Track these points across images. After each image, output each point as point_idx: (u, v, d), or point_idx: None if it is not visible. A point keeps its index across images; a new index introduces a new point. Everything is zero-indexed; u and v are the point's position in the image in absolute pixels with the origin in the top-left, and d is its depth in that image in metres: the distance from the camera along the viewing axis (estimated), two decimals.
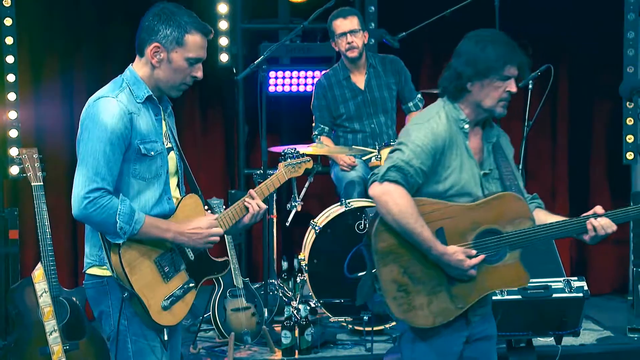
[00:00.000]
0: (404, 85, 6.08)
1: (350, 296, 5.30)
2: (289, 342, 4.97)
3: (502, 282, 3.54)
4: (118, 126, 3.22)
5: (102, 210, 3.17)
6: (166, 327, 3.32)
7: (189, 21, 3.32)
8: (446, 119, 3.48)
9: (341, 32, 5.87)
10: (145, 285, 3.26)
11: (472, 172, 3.49)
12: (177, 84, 3.36)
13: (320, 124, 6.03)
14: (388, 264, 3.45)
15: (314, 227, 5.46)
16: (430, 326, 3.46)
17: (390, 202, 3.38)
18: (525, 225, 3.47)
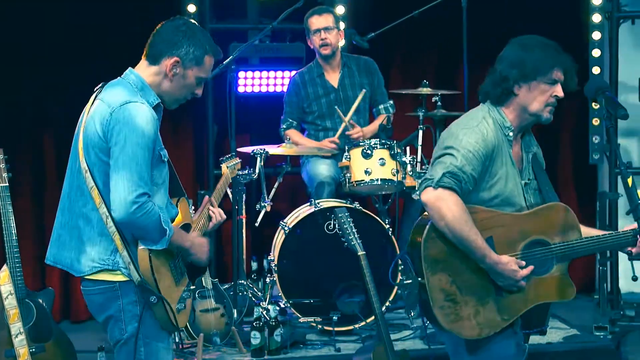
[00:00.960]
0: (376, 88, 6.10)
1: (318, 297, 5.29)
2: (258, 342, 4.94)
3: (548, 294, 3.48)
4: (151, 132, 3.23)
5: (149, 216, 3.17)
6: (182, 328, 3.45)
7: (209, 43, 3.39)
8: (493, 124, 3.44)
9: (315, 29, 5.92)
10: (167, 290, 3.29)
11: (515, 182, 3.46)
12: (180, 98, 3.41)
13: (289, 117, 6.07)
14: (437, 272, 3.40)
15: (283, 227, 5.43)
16: (476, 337, 3.42)
17: (444, 208, 3.32)
18: (573, 237, 3.45)
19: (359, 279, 4.72)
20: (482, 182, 3.41)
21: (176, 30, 3.34)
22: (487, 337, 3.43)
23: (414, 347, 5.03)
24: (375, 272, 4.66)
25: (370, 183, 5.53)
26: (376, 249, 5.21)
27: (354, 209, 5.30)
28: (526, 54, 3.44)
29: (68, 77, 6.23)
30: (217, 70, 5.61)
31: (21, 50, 6.45)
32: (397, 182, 5.54)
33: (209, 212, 3.57)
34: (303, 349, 5.10)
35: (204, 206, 3.57)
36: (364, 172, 5.52)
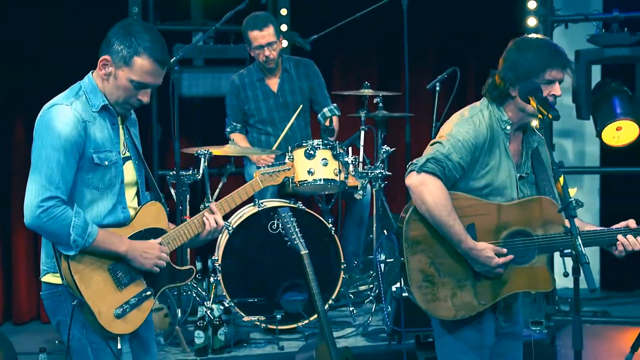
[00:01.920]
0: (316, 89, 6.07)
1: (262, 296, 5.29)
2: (202, 342, 4.92)
3: (527, 283, 3.52)
4: (72, 134, 3.15)
5: (56, 221, 3.10)
6: (119, 335, 3.24)
7: (146, 45, 3.23)
8: (489, 117, 3.50)
9: (258, 45, 5.85)
10: (96, 293, 3.19)
11: (509, 174, 3.51)
12: (120, 101, 3.28)
13: (232, 121, 6.03)
14: (417, 253, 3.47)
15: (227, 227, 5.40)
16: (451, 319, 3.49)
17: (425, 192, 3.40)
18: (556, 231, 3.48)
19: (302, 278, 4.73)
20: (473, 172, 3.48)
21: (115, 30, 3.27)
22: (466, 319, 3.48)
23: (356, 344, 5.06)
24: (318, 271, 4.68)
25: (313, 183, 5.54)
26: (319, 248, 5.23)
27: (297, 209, 5.31)
28: (520, 57, 3.48)
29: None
30: None
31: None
32: (339, 182, 5.55)
33: (203, 219, 3.47)
34: (247, 348, 5.09)
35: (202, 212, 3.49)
36: (307, 172, 5.53)
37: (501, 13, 6.67)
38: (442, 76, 6.12)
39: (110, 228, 3.25)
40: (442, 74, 6.13)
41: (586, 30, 6.24)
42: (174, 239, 3.39)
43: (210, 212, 3.48)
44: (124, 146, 3.36)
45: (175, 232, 3.41)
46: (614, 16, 6.07)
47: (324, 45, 6.46)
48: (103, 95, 3.27)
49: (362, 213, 5.94)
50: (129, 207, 3.34)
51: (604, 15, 6.24)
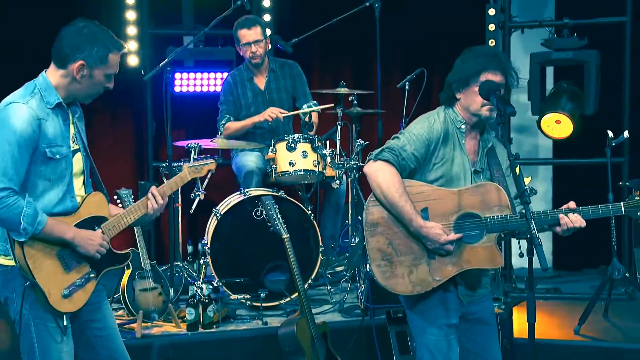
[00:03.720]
0: (298, 88, 6.08)
1: (248, 276, 5.29)
2: (193, 318, 4.91)
3: (477, 261, 3.54)
4: (27, 131, 3.16)
5: (8, 210, 3.13)
6: (66, 313, 3.29)
7: (112, 43, 3.33)
8: (444, 118, 3.57)
9: (245, 42, 5.87)
10: (47, 276, 3.23)
11: (463, 167, 3.55)
12: (92, 94, 3.37)
13: (226, 114, 5.99)
14: (376, 234, 3.51)
15: (216, 214, 5.40)
16: (409, 294, 3.52)
17: (380, 177, 3.45)
18: (502, 213, 3.50)
19: (284, 260, 4.74)
20: (429, 164, 3.53)
21: (78, 34, 3.29)
22: (426, 293, 3.51)
23: (333, 320, 5.06)
24: (299, 254, 4.69)
25: (294, 173, 5.54)
26: (299, 232, 5.23)
27: (279, 197, 5.31)
28: (462, 64, 3.55)
29: None
30: (154, 71, 5.56)
31: None
32: (318, 173, 5.55)
33: (147, 202, 3.53)
34: (233, 323, 5.09)
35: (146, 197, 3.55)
36: (288, 163, 5.53)
37: (464, 19, 6.68)
38: (410, 76, 6.13)
39: (59, 217, 3.28)
40: (411, 74, 6.13)
41: (540, 35, 6.27)
42: (113, 226, 3.44)
43: (153, 196, 3.54)
44: (72, 140, 3.38)
45: (115, 220, 3.44)
46: (565, 23, 6.12)
47: (303, 48, 6.45)
48: (56, 92, 3.29)
49: (338, 201, 5.95)
50: (77, 196, 3.38)
51: (556, 22, 6.27)
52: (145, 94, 6.62)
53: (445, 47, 7.12)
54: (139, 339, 4.78)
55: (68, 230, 3.28)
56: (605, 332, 5.27)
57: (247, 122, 5.89)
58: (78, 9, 6.48)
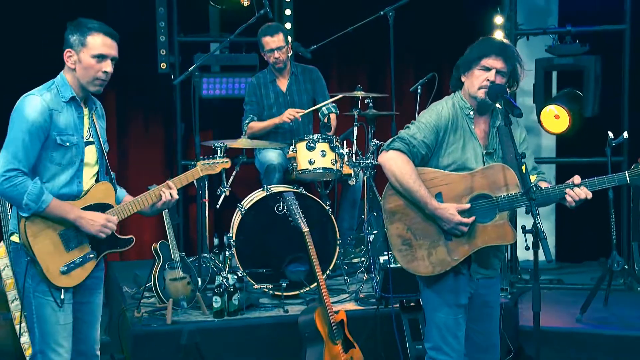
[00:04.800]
0: (318, 91, 6.09)
1: (270, 267, 5.30)
2: (219, 306, 4.92)
3: (491, 238, 3.50)
4: (38, 120, 3.28)
5: (14, 188, 3.25)
6: (64, 287, 3.37)
7: (93, 26, 3.38)
8: (452, 106, 3.54)
9: (269, 49, 5.88)
10: (46, 252, 3.33)
11: (474, 152, 3.52)
12: (91, 79, 3.39)
13: (250, 114, 5.99)
14: (394, 222, 3.50)
15: (240, 209, 5.41)
16: (430, 274, 3.51)
17: (393, 165, 3.44)
18: (512, 191, 3.46)
19: (304, 252, 4.73)
20: (440, 150, 3.50)
21: (67, 30, 3.39)
22: (439, 275, 3.49)
23: (349, 308, 5.06)
24: (317, 246, 4.68)
25: (314, 171, 5.54)
26: (318, 226, 5.23)
27: (299, 193, 5.31)
28: (468, 50, 3.55)
29: None
30: (183, 76, 5.58)
31: None
32: (336, 170, 5.55)
33: (160, 192, 3.56)
34: (257, 311, 5.09)
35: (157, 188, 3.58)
36: (308, 162, 5.53)
37: (473, 27, 6.65)
38: (422, 80, 6.12)
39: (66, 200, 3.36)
40: (423, 79, 6.12)
41: (545, 42, 6.23)
42: (119, 212, 3.47)
43: (167, 187, 3.56)
44: (87, 132, 3.46)
45: (120, 208, 3.49)
46: (568, 30, 6.07)
47: (322, 54, 6.45)
48: (71, 88, 3.39)
49: (355, 196, 5.94)
50: (87, 184, 3.45)
51: (559, 29, 6.22)
52: (174, 98, 6.64)
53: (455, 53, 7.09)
54: (169, 325, 4.79)
55: (71, 210, 3.35)
56: (605, 320, 5.25)
57: (268, 122, 5.89)
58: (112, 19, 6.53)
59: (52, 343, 3.38)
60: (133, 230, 6.97)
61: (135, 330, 4.77)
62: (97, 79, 3.38)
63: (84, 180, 3.44)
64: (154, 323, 4.85)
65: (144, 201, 3.54)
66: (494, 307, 3.68)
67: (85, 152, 3.44)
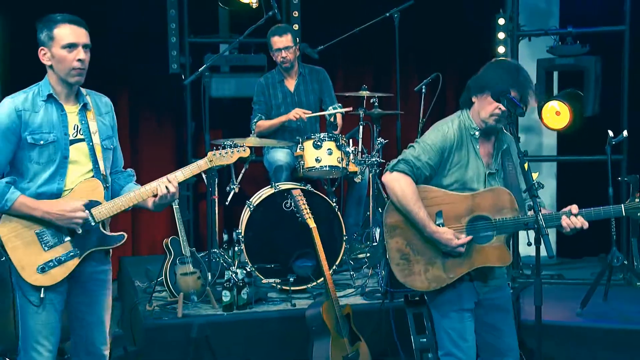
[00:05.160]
0: (325, 91, 6.09)
1: (278, 263, 5.30)
2: (229, 300, 4.93)
3: (487, 260, 3.50)
4: (4, 122, 3.22)
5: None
6: (41, 287, 3.26)
7: (56, 18, 3.28)
8: (458, 125, 3.50)
9: (277, 48, 5.90)
10: (21, 252, 3.24)
11: (477, 171, 3.50)
12: (68, 71, 3.29)
13: (258, 113, 6.00)
14: (394, 236, 3.49)
15: (249, 205, 5.41)
16: (425, 289, 3.51)
17: (396, 187, 3.44)
18: (511, 215, 3.46)
19: (311, 247, 4.74)
20: (444, 170, 3.48)
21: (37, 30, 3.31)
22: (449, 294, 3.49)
23: (355, 302, 5.05)
24: (324, 242, 4.68)
25: (320, 169, 5.54)
26: (325, 223, 5.22)
27: (306, 190, 5.30)
28: (485, 73, 3.49)
29: None
30: (193, 76, 5.58)
31: None
32: (342, 168, 5.55)
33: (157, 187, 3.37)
34: (265, 305, 5.09)
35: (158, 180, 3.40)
36: (314, 160, 5.53)
37: (476, 28, 6.65)
38: (427, 80, 6.11)
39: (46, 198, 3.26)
40: (427, 79, 6.11)
41: (546, 43, 6.21)
42: (106, 210, 3.33)
43: (164, 182, 3.37)
44: (75, 129, 3.34)
45: (109, 204, 3.34)
46: (568, 31, 6.06)
47: (329, 55, 6.44)
48: (51, 86, 3.30)
49: (360, 194, 5.95)
50: (75, 183, 3.32)
51: (560, 30, 6.21)
52: (185, 97, 6.64)
53: (458, 54, 7.14)
54: (180, 318, 4.80)
55: (37, 208, 3.22)
56: (605, 314, 5.23)
57: (275, 121, 5.90)
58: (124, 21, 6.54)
59: (33, 342, 3.30)
60: (145, 227, 7.07)
61: (147, 323, 4.78)
62: (73, 69, 3.26)
63: (69, 179, 3.31)
64: (165, 316, 4.86)
65: (136, 197, 3.37)
66: (506, 309, 3.66)
67: (70, 149, 3.30)
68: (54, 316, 3.33)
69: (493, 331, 3.62)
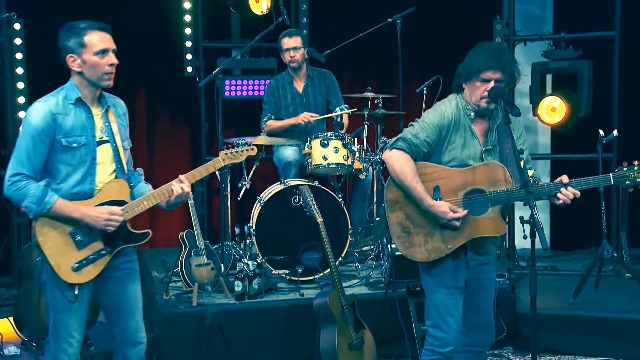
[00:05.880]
0: (332, 93, 6.08)
1: (287, 255, 5.30)
2: (241, 289, 4.94)
3: (484, 230, 3.50)
4: (40, 125, 3.19)
5: (19, 192, 3.17)
6: (76, 284, 3.25)
7: (83, 26, 3.24)
8: (455, 105, 3.51)
9: (286, 48, 5.92)
10: (56, 252, 3.22)
11: (474, 149, 3.49)
12: (101, 75, 3.27)
13: (268, 112, 6.01)
14: (395, 211, 3.49)
15: (259, 201, 5.42)
16: (426, 260, 3.50)
17: (395, 163, 3.43)
18: (504, 187, 3.45)
19: (318, 240, 4.74)
20: (442, 147, 3.48)
21: (60, 37, 3.28)
22: (437, 260, 3.49)
23: (360, 292, 5.06)
24: (331, 235, 4.69)
25: (327, 166, 5.54)
26: (331, 217, 5.21)
27: (314, 186, 5.30)
28: (469, 58, 3.49)
29: None
30: (207, 79, 5.58)
31: None
32: (347, 166, 5.54)
33: (171, 187, 3.38)
34: (275, 294, 5.10)
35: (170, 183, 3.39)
36: (322, 157, 5.52)
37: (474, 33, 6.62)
38: (428, 82, 6.10)
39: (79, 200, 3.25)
40: (428, 81, 6.11)
41: (541, 47, 6.20)
42: (132, 208, 3.33)
43: (178, 182, 3.37)
44: (100, 131, 3.32)
45: (134, 203, 3.34)
46: (562, 36, 6.05)
47: (335, 58, 6.43)
48: (78, 90, 3.27)
49: (365, 190, 5.94)
50: (102, 182, 3.31)
51: (554, 36, 6.19)
52: (199, 98, 6.65)
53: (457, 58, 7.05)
54: (195, 307, 4.81)
55: (77, 209, 3.22)
56: (596, 304, 5.23)
57: (285, 123, 5.90)
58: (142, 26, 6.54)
59: (65, 334, 3.29)
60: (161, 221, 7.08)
61: (164, 312, 4.79)
62: (106, 74, 3.26)
63: (98, 179, 3.30)
64: (180, 305, 4.87)
65: (157, 197, 3.37)
66: (488, 290, 3.67)
67: (97, 151, 3.30)
68: (84, 309, 3.34)
69: (474, 309, 3.63)
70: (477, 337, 3.67)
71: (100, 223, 3.26)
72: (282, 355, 4.86)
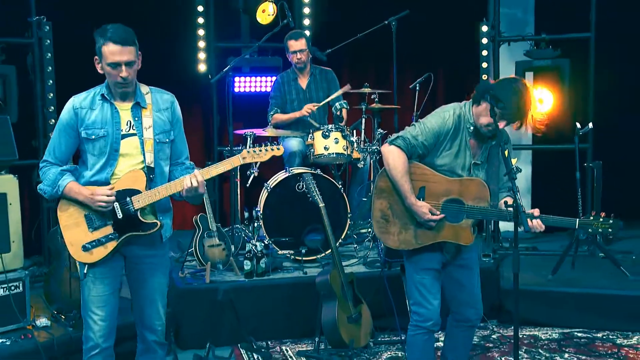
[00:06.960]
0: (332, 89, 6.05)
1: (292, 236, 5.31)
2: (249, 268, 4.95)
3: (453, 237, 3.50)
4: (65, 118, 3.24)
5: (42, 176, 3.28)
6: (85, 263, 3.23)
7: (107, 35, 3.11)
8: (458, 116, 3.44)
9: (293, 50, 5.90)
10: (71, 231, 3.23)
11: (464, 160, 3.47)
12: (113, 84, 3.21)
13: (274, 106, 5.99)
14: (380, 198, 3.50)
15: (266, 187, 5.42)
16: (394, 248, 3.53)
17: (390, 159, 3.43)
18: (482, 204, 3.45)
19: (320, 224, 4.74)
20: (437, 152, 3.45)
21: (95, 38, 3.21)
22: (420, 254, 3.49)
23: (358, 271, 5.07)
24: (331, 219, 4.69)
25: (328, 156, 5.53)
26: (332, 202, 5.22)
27: (316, 174, 5.30)
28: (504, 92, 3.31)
29: None
30: (218, 76, 5.55)
31: None
32: (347, 155, 5.54)
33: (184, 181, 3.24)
34: (281, 273, 5.11)
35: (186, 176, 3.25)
36: (323, 148, 5.52)
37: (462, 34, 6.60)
38: (420, 79, 6.08)
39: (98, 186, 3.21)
40: (421, 78, 6.08)
41: (523, 47, 6.18)
42: (145, 198, 3.22)
43: (193, 176, 3.21)
44: (127, 125, 3.24)
45: (149, 193, 3.22)
46: (542, 37, 6.04)
47: (336, 57, 6.41)
48: (106, 88, 3.24)
49: (363, 177, 5.94)
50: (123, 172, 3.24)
51: (535, 37, 6.18)
52: (211, 94, 6.64)
53: (447, 56, 7.09)
54: (208, 283, 4.83)
55: (79, 192, 3.19)
56: (573, 280, 5.24)
57: (290, 116, 5.89)
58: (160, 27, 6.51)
59: (88, 310, 3.25)
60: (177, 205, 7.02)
61: (180, 288, 4.81)
62: (117, 84, 3.18)
63: (118, 168, 3.22)
64: (195, 282, 4.89)
65: (170, 188, 3.24)
66: (472, 267, 3.66)
67: (122, 143, 3.21)
68: (103, 290, 3.25)
69: (459, 286, 3.64)
70: (465, 312, 3.68)
71: (93, 203, 3.18)
72: (287, 328, 4.88)
